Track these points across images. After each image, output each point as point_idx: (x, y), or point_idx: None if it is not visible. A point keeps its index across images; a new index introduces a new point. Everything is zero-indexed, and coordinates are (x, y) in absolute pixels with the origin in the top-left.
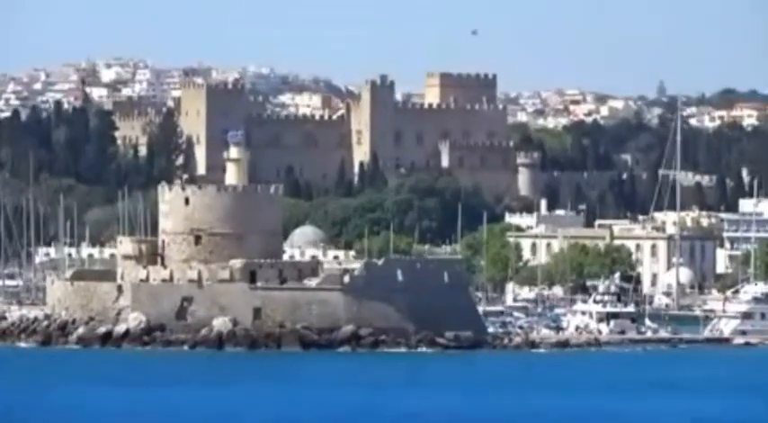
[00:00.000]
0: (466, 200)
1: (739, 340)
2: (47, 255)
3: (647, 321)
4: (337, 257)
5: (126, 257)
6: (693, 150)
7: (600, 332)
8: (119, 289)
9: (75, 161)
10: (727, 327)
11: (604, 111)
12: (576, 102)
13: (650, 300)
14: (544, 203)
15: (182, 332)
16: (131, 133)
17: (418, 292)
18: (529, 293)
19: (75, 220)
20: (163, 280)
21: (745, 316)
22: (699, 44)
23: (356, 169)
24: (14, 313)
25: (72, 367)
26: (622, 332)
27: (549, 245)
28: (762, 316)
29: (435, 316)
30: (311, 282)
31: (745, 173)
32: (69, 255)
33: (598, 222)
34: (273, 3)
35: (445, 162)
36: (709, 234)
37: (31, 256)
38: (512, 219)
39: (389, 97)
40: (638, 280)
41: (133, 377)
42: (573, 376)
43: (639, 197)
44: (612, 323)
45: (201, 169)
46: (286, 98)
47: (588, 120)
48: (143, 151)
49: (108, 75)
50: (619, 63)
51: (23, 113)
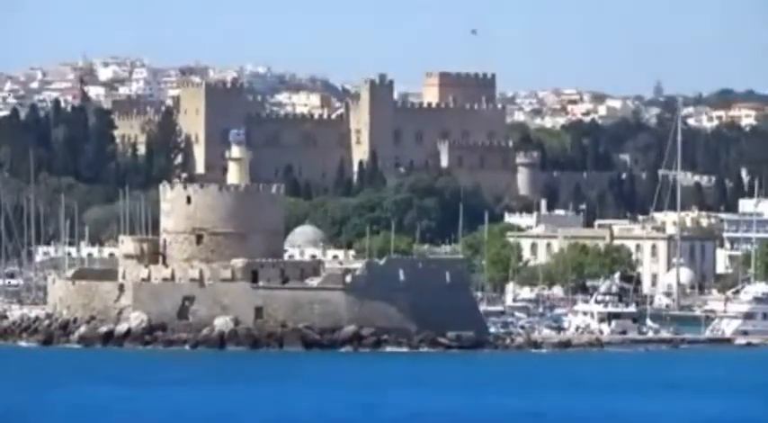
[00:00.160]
0: (465, 200)
1: (741, 341)
2: (46, 254)
3: (649, 322)
4: (337, 257)
5: (127, 256)
6: (692, 151)
7: (601, 332)
8: (120, 288)
9: (74, 160)
10: (728, 327)
11: (602, 110)
12: (574, 101)
13: (650, 300)
14: (544, 203)
15: (183, 331)
16: (130, 132)
17: (420, 292)
18: (529, 293)
19: (75, 220)
20: (164, 279)
21: (746, 316)
22: (695, 44)
23: (355, 168)
24: (15, 312)
25: (73, 367)
26: (624, 332)
27: (549, 245)
28: (763, 316)
29: (437, 316)
30: (313, 281)
31: (744, 173)
32: (69, 254)
33: (598, 222)
34: (271, 3)
35: (444, 162)
36: (709, 234)
37: (32, 256)
38: (511, 219)
39: (388, 96)
40: (637, 280)
41: (134, 377)
42: (576, 376)
43: (639, 197)
44: (614, 323)
45: (200, 168)
46: (283, 97)
47: (586, 119)
48: (142, 150)
49: (105, 73)
50: (615, 63)
51: (22, 112)
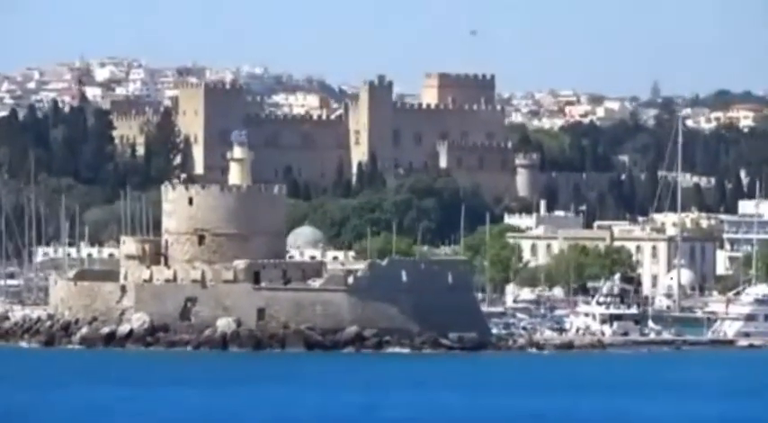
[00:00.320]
0: (465, 201)
1: (743, 342)
2: (46, 254)
3: (651, 323)
4: (337, 258)
5: (129, 257)
6: (691, 152)
7: (603, 334)
8: (122, 289)
9: (72, 161)
10: (730, 329)
11: (600, 112)
12: (571, 103)
13: (651, 302)
14: (544, 204)
15: (185, 333)
16: (129, 133)
17: (422, 293)
18: (529, 295)
19: (77, 220)
20: (166, 280)
21: (748, 318)
22: (692, 45)
23: (354, 169)
24: (17, 313)
25: (75, 368)
26: (625, 334)
27: (550, 246)
28: (765, 318)
29: (439, 317)
30: (315, 282)
31: (743, 174)
32: (68, 254)
33: (597, 223)
34: (269, 3)
35: (443, 163)
36: (709, 235)
37: (32, 256)
38: (511, 220)
39: (387, 98)
40: (638, 282)
41: (136, 378)
42: (579, 378)
43: (638, 198)
44: (615, 325)
45: (199, 169)
46: (280, 98)
47: (585, 121)
48: (141, 151)
49: (102, 74)
50: (610, 64)
51: (20, 113)
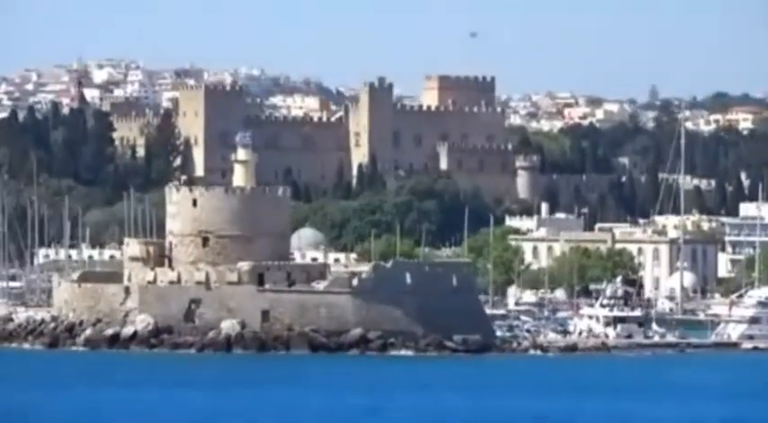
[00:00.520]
0: (465, 203)
1: (747, 345)
2: (47, 256)
3: (654, 326)
4: (338, 260)
5: (133, 259)
6: (691, 154)
7: (606, 336)
8: (126, 291)
9: (72, 162)
10: (734, 331)
11: (599, 114)
12: (569, 105)
13: (653, 304)
14: (545, 207)
15: (189, 334)
16: (129, 134)
17: (427, 296)
18: (531, 297)
19: (79, 222)
20: (170, 282)
21: (752, 320)
22: (689, 48)
23: (354, 171)
24: (21, 315)
25: (79, 369)
26: (629, 336)
27: (551, 248)
28: None
29: (444, 319)
30: (319, 284)
31: (743, 176)
32: (69, 256)
33: (598, 225)
34: (267, 5)
35: (444, 165)
36: (710, 238)
37: (35, 258)
38: (512, 222)
39: (388, 99)
40: (640, 284)
41: (141, 379)
42: (584, 380)
43: (639, 200)
44: (619, 327)
45: (200, 171)
46: (278, 100)
47: (584, 123)
48: (141, 153)
49: (100, 76)
50: (607, 66)
51: (20, 114)
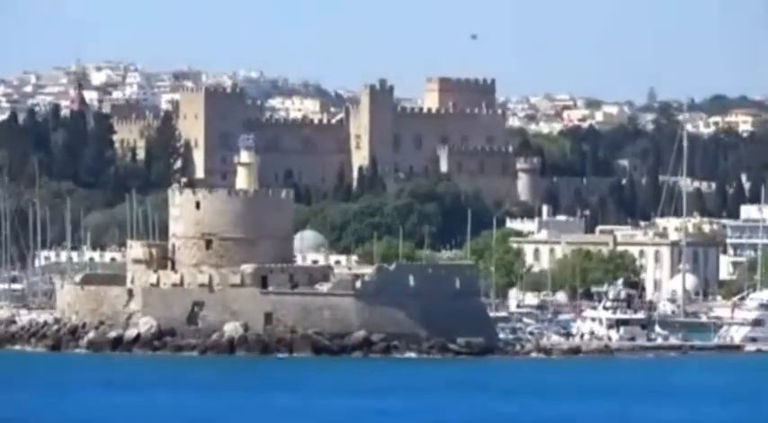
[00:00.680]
0: (466, 205)
1: (750, 347)
2: (47, 258)
3: (657, 328)
4: (339, 262)
5: (136, 261)
6: (691, 156)
7: (609, 339)
8: (129, 293)
9: (73, 165)
10: (737, 334)
11: (599, 116)
12: (568, 107)
13: (655, 307)
14: (546, 209)
15: (192, 337)
16: (129, 137)
17: (430, 298)
18: (532, 299)
19: (81, 224)
20: (173, 284)
21: (755, 323)
22: (687, 50)
23: (355, 174)
24: (24, 317)
25: (82, 372)
26: (632, 339)
27: (553, 250)
28: None
29: (447, 322)
30: (323, 287)
31: (744, 179)
32: (70, 258)
33: (599, 228)
34: (266, 7)
35: (444, 167)
36: (711, 240)
37: (37, 260)
38: (512, 224)
39: (388, 102)
40: (642, 287)
41: (143, 382)
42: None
43: (639, 203)
44: (622, 330)
45: (200, 173)
46: (276, 102)
47: (584, 125)
48: (141, 155)
49: (98, 78)
50: (605, 69)
51: (20, 116)
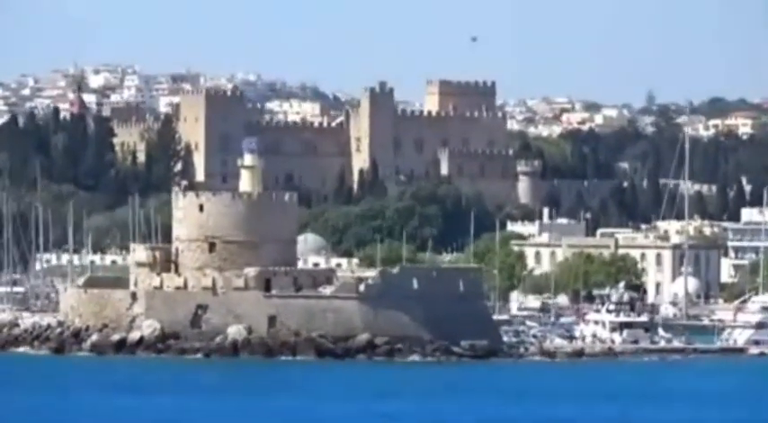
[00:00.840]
0: (467, 208)
1: (754, 350)
2: (48, 261)
3: (661, 331)
4: (340, 265)
5: (140, 264)
6: (691, 159)
7: (612, 341)
8: (132, 296)
9: (73, 168)
10: (740, 337)
11: (598, 119)
12: (566, 110)
13: (657, 309)
14: (547, 212)
15: (196, 340)
16: (129, 140)
17: (434, 301)
18: (534, 302)
19: (83, 227)
20: (177, 287)
21: (758, 326)
22: (685, 53)
23: (355, 177)
24: (27, 320)
25: (85, 375)
26: (635, 342)
27: (554, 253)
28: None
29: (451, 325)
30: (326, 290)
31: (744, 181)
32: (71, 261)
33: (600, 231)
34: (266, 9)
35: (445, 170)
36: (713, 243)
37: (38, 263)
38: (513, 227)
39: (389, 105)
40: (643, 289)
41: (147, 385)
42: (592, 385)
43: (640, 206)
44: (626, 333)
45: (200, 176)
46: (274, 105)
47: (583, 128)
48: (141, 158)
49: (96, 81)
50: (603, 71)
51: (20, 120)
